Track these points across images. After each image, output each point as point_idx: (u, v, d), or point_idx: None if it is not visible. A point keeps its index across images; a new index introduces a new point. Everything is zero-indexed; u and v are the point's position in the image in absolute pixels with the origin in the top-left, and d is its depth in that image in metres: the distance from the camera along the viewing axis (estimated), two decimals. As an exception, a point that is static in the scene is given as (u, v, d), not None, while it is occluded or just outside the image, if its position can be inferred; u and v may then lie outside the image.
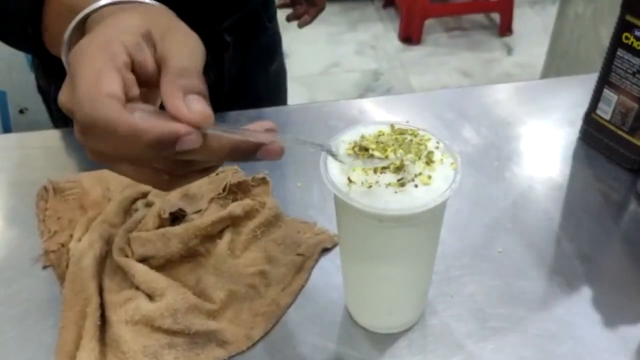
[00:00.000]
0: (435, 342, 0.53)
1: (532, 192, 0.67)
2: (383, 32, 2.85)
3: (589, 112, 0.70)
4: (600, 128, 0.69)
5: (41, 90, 0.86)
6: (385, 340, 0.54)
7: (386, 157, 0.43)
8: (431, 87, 2.51)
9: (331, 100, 0.85)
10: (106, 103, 0.35)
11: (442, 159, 0.44)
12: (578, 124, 0.74)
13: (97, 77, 0.36)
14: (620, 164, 0.69)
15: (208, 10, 0.76)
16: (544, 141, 0.74)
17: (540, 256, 0.60)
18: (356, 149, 0.44)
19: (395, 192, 0.42)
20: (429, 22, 2.76)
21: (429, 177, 0.43)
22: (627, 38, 0.62)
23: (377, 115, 0.79)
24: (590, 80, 0.71)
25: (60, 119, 0.86)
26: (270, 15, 0.90)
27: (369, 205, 0.42)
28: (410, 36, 2.73)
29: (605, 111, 0.68)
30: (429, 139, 0.46)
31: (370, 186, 0.43)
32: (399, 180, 0.42)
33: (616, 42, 0.63)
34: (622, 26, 0.62)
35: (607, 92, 0.67)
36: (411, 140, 0.46)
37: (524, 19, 2.84)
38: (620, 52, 0.63)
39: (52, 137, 0.76)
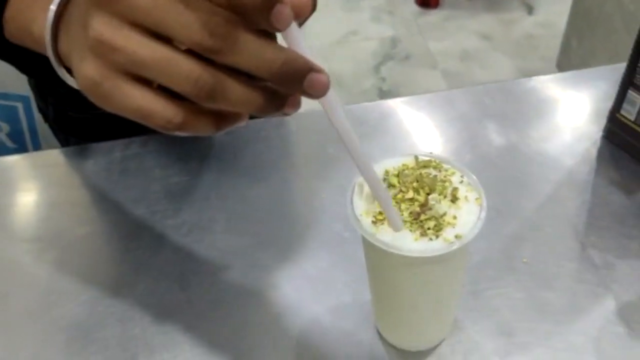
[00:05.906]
0: (463, 359, 0.55)
1: (555, 196, 0.67)
2: (400, -5, 2.80)
3: (613, 111, 0.70)
4: (625, 128, 0.68)
5: (41, 111, 0.84)
6: (414, 356, 0.55)
7: (410, 198, 0.44)
8: (450, 53, 2.47)
9: (350, 103, 0.85)
10: None
11: (466, 196, 0.45)
12: (603, 120, 0.73)
13: None
14: (646, 164, 0.68)
15: None
16: (568, 140, 0.74)
17: (564, 265, 0.61)
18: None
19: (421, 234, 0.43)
20: (446, -17, 2.71)
21: (454, 217, 0.44)
22: (652, 41, 0.61)
23: (399, 120, 0.79)
24: (615, 72, 0.70)
25: (64, 140, 0.85)
26: None
27: (395, 247, 0.43)
28: (427, -1, 2.68)
29: (629, 112, 0.67)
30: (453, 173, 0.47)
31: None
32: (421, 233, 0.43)
33: (641, 44, 0.62)
34: (648, 29, 0.61)
35: (631, 94, 0.66)
36: (435, 176, 0.46)
37: (544, -26, 2.76)
38: (645, 55, 0.62)
39: (81, 153, 0.78)
